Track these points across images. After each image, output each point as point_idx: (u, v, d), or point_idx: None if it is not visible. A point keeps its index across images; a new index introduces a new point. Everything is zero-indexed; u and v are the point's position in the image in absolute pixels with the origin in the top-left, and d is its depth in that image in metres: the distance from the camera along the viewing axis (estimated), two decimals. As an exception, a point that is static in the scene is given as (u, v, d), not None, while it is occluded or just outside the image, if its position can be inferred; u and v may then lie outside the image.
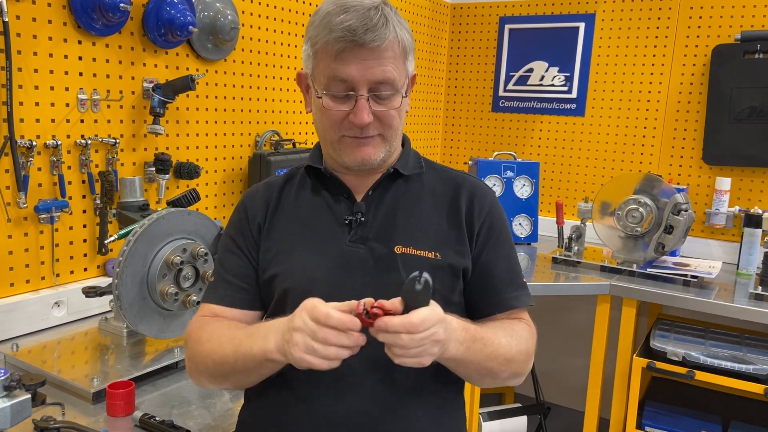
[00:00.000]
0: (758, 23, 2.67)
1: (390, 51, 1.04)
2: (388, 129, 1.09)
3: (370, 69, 1.02)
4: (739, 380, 2.12)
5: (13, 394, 1.04)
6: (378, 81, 1.04)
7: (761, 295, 2.20)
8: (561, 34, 3.11)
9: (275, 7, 2.34)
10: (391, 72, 1.04)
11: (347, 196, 1.14)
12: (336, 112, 1.06)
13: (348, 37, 1.01)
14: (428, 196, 1.16)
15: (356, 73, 1.02)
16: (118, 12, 1.70)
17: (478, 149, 3.41)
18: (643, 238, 2.47)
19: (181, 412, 1.31)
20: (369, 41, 1.01)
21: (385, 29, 1.02)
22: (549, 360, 3.18)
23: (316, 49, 1.06)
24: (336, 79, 1.04)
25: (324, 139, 1.13)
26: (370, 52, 1.02)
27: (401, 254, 1.09)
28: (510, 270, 1.16)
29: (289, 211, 1.16)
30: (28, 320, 1.64)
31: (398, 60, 1.06)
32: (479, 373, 1.05)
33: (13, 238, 1.63)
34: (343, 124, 1.07)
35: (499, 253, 1.15)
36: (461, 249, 1.12)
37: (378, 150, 1.09)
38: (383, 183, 1.15)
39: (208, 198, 2.17)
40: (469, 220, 1.14)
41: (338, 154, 1.10)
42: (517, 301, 1.15)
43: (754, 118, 2.66)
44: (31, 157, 1.63)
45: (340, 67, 1.03)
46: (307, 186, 1.18)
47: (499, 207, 1.18)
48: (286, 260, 1.11)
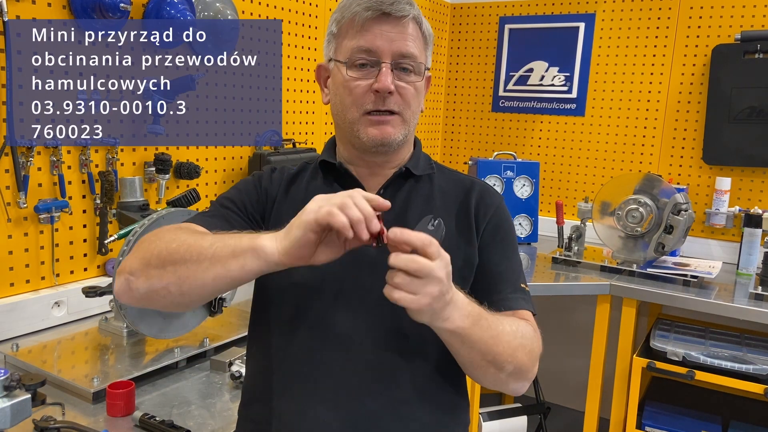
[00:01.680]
0: (758, 23, 2.67)
1: (412, 29, 1.09)
2: (407, 108, 1.10)
3: (395, 41, 1.07)
4: (739, 380, 2.13)
5: (13, 394, 1.04)
6: (401, 53, 1.07)
7: (761, 295, 2.20)
8: (561, 34, 3.11)
9: (275, 7, 2.34)
10: (413, 47, 1.08)
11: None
12: (359, 84, 1.08)
13: (375, 6, 1.05)
14: (438, 197, 1.15)
15: (381, 43, 1.06)
16: (118, 12, 1.70)
17: (478, 149, 3.41)
18: (643, 238, 2.47)
19: (181, 412, 1.31)
20: (394, 11, 1.06)
21: (408, 6, 1.08)
22: (549, 360, 3.16)
23: (342, 24, 1.09)
24: (361, 50, 1.07)
25: (344, 121, 1.12)
26: (393, 24, 1.06)
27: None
28: (512, 273, 1.14)
29: (299, 200, 1.12)
30: (28, 320, 1.64)
31: (418, 41, 1.10)
32: (485, 359, 0.99)
33: (13, 238, 1.63)
34: (365, 98, 1.08)
35: (502, 254, 1.14)
36: (471, 252, 1.12)
37: (397, 130, 1.10)
38: (395, 182, 1.15)
39: (208, 198, 2.16)
40: (477, 219, 1.14)
41: (357, 133, 1.10)
42: (518, 302, 1.12)
43: (754, 118, 2.66)
44: (31, 157, 1.63)
45: (366, 36, 1.06)
46: (319, 178, 1.17)
47: (505, 211, 1.18)
48: None
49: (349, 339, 1.04)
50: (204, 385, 1.45)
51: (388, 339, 1.04)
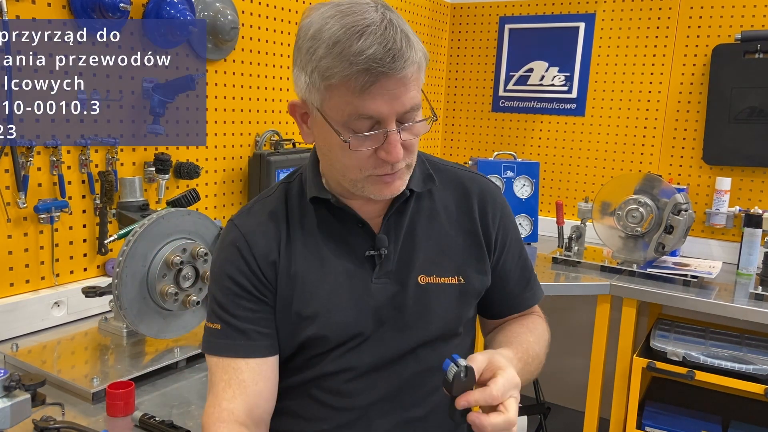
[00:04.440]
0: (758, 23, 2.67)
1: (415, 72, 0.90)
2: (413, 157, 0.99)
3: (399, 99, 0.89)
4: (739, 380, 2.12)
5: (13, 394, 1.04)
6: (406, 110, 0.91)
7: (761, 295, 2.20)
8: (561, 34, 3.11)
9: (275, 7, 2.34)
10: (417, 96, 0.92)
11: (362, 226, 1.04)
12: (363, 152, 0.92)
13: (374, 69, 0.85)
14: (441, 212, 1.09)
15: (385, 108, 0.89)
16: (118, 12, 1.70)
17: (478, 149, 3.41)
18: (643, 238, 2.47)
19: (181, 412, 1.31)
20: (399, 69, 0.86)
21: (409, 50, 0.87)
22: (549, 360, 3.15)
23: (332, 83, 0.88)
24: (361, 117, 0.89)
25: (342, 177, 0.99)
26: (397, 82, 0.88)
27: (426, 285, 1.04)
28: (525, 269, 1.17)
29: (303, 245, 1.04)
30: (28, 320, 1.64)
31: (419, 78, 0.92)
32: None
33: (12, 238, 1.63)
34: (369, 162, 0.93)
35: (513, 255, 1.15)
36: (482, 267, 1.09)
37: (404, 180, 0.99)
38: (398, 206, 1.05)
39: (208, 198, 2.17)
40: (485, 229, 1.10)
41: (360, 191, 0.98)
42: (532, 300, 1.19)
43: (754, 118, 2.65)
44: (31, 157, 1.63)
45: (367, 104, 0.88)
46: (309, 213, 1.05)
47: (506, 206, 1.16)
48: (310, 303, 1.01)
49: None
50: (204, 385, 1.44)
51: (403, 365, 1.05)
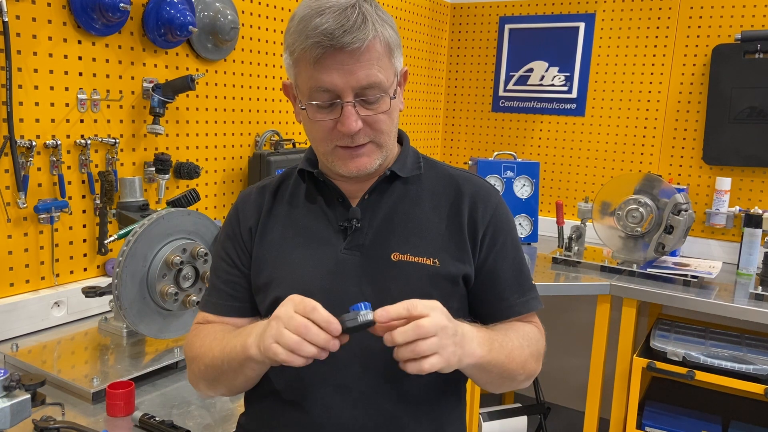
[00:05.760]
0: (758, 23, 2.67)
1: (373, 51, 0.97)
2: (379, 134, 1.03)
3: (354, 74, 0.96)
4: (739, 380, 2.13)
5: (13, 394, 1.04)
6: (363, 86, 0.97)
7: (761, 295, 2.20)
8: (561, 34, 3.11)
9: (275, 7, 2.34)
10: (375, 75, 0.97)
11: (342, 201, 1.10)
12: (324, 122, 1.00)
13: (325, 42, 0.93)
14: (427, 199, 1.10)
15: (339, 80, 0.96)
16: (117, 12, 1.70)
17: (478, 149, 3.41)
18: (643, 238, 2.47)
19: (181, 412, 1.31)
20: (348, 44, 0.93)
21: (364, 28, 0.94)
22: (549, 360, 3.14)
23: (295, 57, 0.99)
24: (319, 89, 0.97)
25: (317, 150, 1.08)
26: (350, 56, 0.95)
27: (398, 261, 1.05)
28: (518, 274, 1.12)
29: (283, 215, 1.12)
30: (28, 320, 1.64)
31: (383, 59, 0.98)
32: (501, 377, 1.02)
33: (12, 238, 1.63)
34: (333, 134, 1.01)
35: (506, 257, 1.11)
36: (462, 255, 1.07)
37: (372, 158, 1.04)
38: (380, 186, 1.09)
39: (208, 198, 2.17)
40: (472, 225, 1.09)
41: (332, 165, 1.05)
42: (525, 306, 1.11)
43: (753, 118, 2.66)
44: (31, 157, 1.63)
45: (321, 76, 0.96)
46: (301, 189, 1.13)
47: (504, 208, 1.13)
48: (279, 267, 1.08)
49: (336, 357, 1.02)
50: (204, 385, 1.45)
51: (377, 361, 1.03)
